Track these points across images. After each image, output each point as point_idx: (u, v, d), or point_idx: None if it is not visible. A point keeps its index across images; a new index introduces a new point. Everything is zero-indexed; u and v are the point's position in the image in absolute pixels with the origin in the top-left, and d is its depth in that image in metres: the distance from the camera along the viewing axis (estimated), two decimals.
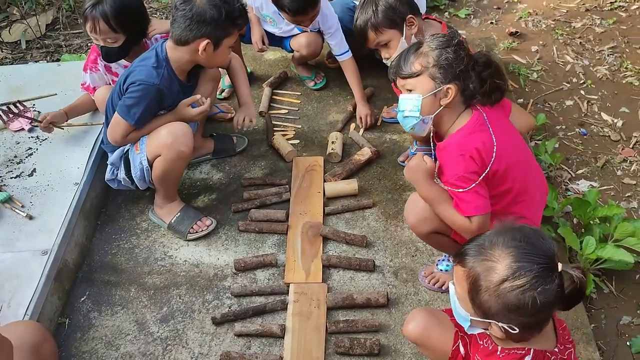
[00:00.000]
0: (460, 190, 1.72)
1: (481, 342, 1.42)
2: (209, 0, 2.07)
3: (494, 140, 1.74)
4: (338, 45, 2.80)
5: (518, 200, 1.82)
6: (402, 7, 2.35)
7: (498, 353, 1.35)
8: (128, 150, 2.29)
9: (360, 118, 2.80)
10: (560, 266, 1.23)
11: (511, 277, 1.21)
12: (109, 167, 2.36)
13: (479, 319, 1.31)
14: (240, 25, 2.20)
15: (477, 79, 1.77)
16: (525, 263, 1.21)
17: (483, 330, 1.34)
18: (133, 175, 2.28)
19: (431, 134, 1.89)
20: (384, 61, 2.45)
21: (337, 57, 2.86)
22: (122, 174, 2.31)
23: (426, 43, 1.80)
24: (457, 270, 1.34)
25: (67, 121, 2.56)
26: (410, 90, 1.80)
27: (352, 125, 2.84)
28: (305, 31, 2.82)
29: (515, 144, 1.83)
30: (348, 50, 2.82)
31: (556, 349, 1.35)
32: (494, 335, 1.34)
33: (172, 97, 2.23)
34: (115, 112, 2.19)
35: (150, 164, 2.23)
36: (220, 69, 2.51)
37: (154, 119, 2.23)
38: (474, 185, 1.71)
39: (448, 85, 1.74)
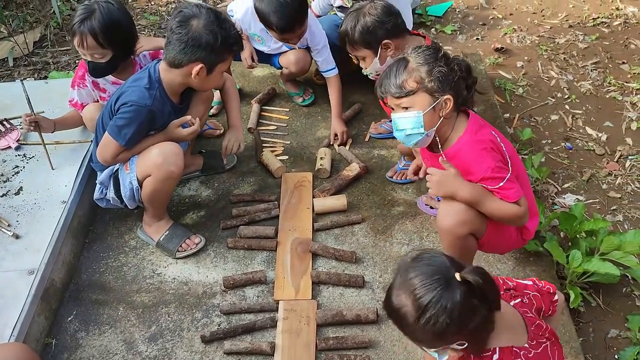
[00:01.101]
0: (502, 182, 1.78)
1: None
2: (206, 25, 2.07)
3: (492, 131, 1.86)
4: (325, 62, 2.83)
5: (521, 183, 1.89)
6: (380, 31, 2.34)
7: None
8: (118, 169, 2.28)
9: (335, 135, 2.81)
10: (457, 276, 1.27)
11: (420, 314, 1.26)
12: (97, 186, 2.35)
13: (435, 348, 1.35)
14: (235, 52, 2.22)
15: (465, 85, 1.85)
16: (424, 294, 1.26)
17: (452, 354, 1.36)
18: (122, 195, 2.27)
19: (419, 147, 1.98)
20: (363, 71, 2.51)
21: (323, 74, 2.88)
22: (111, 194, 2.30)
23: (412, 59, 1.83)
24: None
25: (53, 132, 2.54)
26: (406, 108, 1.82)
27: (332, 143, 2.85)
28: (294, 48, 2.84)
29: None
30: (334, 68, 2.85)
31: (526, 345, 1.39)
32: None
33: (163, 118, 2.23)
34: (106, 132, 2.18)
35: (140, 184, 2.23)
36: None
37: (144, 139, 2.23)
38: (509, 174, 1.79)
39: (446, 97, 1.79)
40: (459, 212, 1.85)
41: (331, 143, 2.83)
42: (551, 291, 1.56)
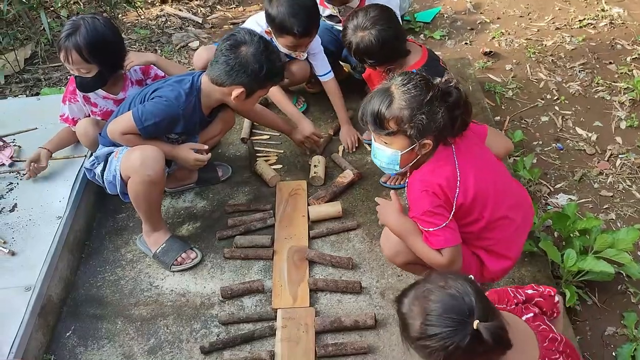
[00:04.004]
0: (432, 229, 1.73)
1: None
2: (254, 54, 2.16)
3: (458, 173, 1.74)
4: (320, 65, 2.85)
5: (492, 227, 1.81)
6: (364, 61, 2.41)
7: None
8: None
9: (347, 141, 2.84)
10: (475, 325, 1.26)
11: (422, 337, 1.30)
12: (92, 157, 2.39)
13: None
14: (276, 82, 2.34)
15: (449, 118, 1.71)
16: (434, 327, 1.29)
17: None
18: (105, 177, 2.30)
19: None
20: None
21: (319, 77, 2.89)
22: (98, 169, 2.34)
23: (397, 96, 1.72)
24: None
25: (51, 157, 2.55)
26: (386, 143, 1.79)
27: (341, 148, 2.87)
28: (295, 58, 2.79)
29: (486, 171, 1.82)
30: (330, 71, 2.87)
31: None
32: None
33: (189, 125, 2.30)
34: (130, 110, 2.22)
35: (126, 183, 2.25)
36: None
37: (157, 138, 2.28)
38: (446, 223, 1.72)
39: (425, 141, 1.73)
40: (393, 243, 1.91)
41: (348, 151, 2.84)
42: (552, 294, 1.57)
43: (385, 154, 1.80)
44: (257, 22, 2.72)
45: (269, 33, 2.63)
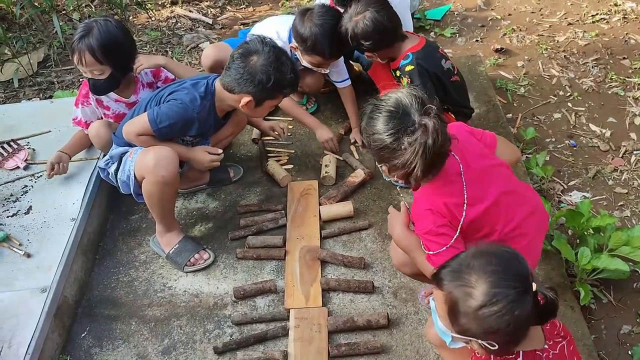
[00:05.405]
0: (435, 250, 1.65)
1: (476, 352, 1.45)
2: (263, 65, 2.15)
3: (465, 191, 1.67)
4: (338, 73, 2.83)
5: (507, 237, 1.72)
6: (361, 45, 2.40)
7: None
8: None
9: (361, 138, 2.83)
10: (534, 287, 1.25)
11: (488, 303, 1.23)
12: (106, 157, 2.41)
13: (460, 336, 1.32)
14: (286, 94, 2.33)
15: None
16: (501, 289, 1.23)
17: (465, 345, 1.35)
18: (119, 177, 2.32)
19: None
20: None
21: (336, 84, 2.88)
22: (112, 169, 2.36)
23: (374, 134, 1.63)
24: (436, 292, 1.36)
25: (71, 159, 2.57)
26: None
27: (353, 148, 2.87)
28: (310, 69, 2.75)
29: (496, 183, 1.73)
30: (348, 78, 2.86)
31: (546, 346, 1.39)
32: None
33: (203, 128, 2.32)
34: (146, 112, 2.24)
35: (140, 183, 2.27)
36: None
37: (172, 140, 2.31)
38: (451, 242, 1.64)
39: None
40: (400, 255, 1.90)
41: (362, 147, 2.83)
42: None
43: (385, 175, 1.81)
44: (276, 32, 2.67)
45: (294, 48, 2.61)
